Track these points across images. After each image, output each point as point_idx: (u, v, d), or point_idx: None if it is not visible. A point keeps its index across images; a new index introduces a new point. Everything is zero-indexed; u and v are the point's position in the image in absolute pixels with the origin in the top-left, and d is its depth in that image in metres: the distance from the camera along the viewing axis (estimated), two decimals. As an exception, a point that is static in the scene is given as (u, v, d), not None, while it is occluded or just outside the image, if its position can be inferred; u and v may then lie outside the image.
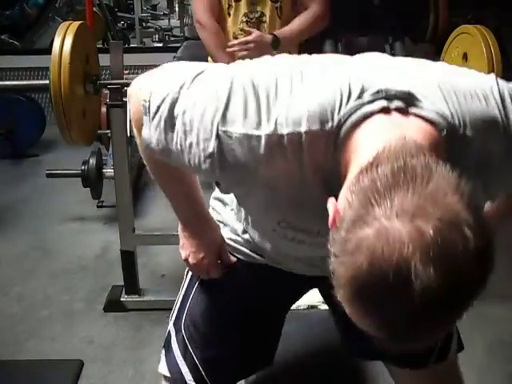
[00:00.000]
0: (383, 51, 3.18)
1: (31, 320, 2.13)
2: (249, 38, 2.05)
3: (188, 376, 1.12)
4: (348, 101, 0.70)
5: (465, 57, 1.82)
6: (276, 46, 2.04)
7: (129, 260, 2.15)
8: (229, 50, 2.08)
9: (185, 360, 1.13)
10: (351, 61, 0.81)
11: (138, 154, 1.02)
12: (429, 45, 3.96)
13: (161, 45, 6.16)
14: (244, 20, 2.08)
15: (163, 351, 1.19)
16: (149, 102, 0.82)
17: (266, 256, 1.06)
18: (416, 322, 0.57)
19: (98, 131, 3.14)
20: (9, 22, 5.12)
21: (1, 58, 4.50)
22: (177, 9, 7.16)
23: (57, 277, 2.43)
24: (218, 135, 0.74)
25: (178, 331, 1.17)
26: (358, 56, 0.83)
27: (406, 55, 3.86)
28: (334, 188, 0.67)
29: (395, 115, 0.69)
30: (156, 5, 8.16)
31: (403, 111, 0.70)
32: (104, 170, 2.87)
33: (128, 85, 0.98)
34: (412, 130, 0.67)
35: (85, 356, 1.92)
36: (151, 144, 0.83)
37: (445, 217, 0.55)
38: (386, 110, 0.69)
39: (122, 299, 2.21)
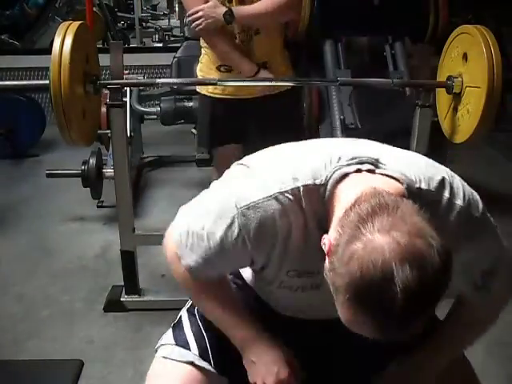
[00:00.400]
0: (383, 51, 3.20)
1: (31, 320, 2.13)
2: (200, 7, 1.99)
3: (193, 345, 1.12)
4: (330, 165, 0.92)
5: (465, 57, 1.82)
6: (230, 21, 1.98)
7: (129, 260, 2.15)
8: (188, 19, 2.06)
9: (193, 334, 1.14)
10: (333, 142, 1.17)
11: (138, 154, 1.03)
12: (429, 45, 3.96)
13: (161, 45, 6.17)
14: None
15: (170, 328, 1.19)
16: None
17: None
18: (401, 311, 0.73)
19: (98, 131, 3.16)
20: (9, 21, 5.12)
21: (1, 58, 4.50)
22: (177, 9, 7.17)
23: (57, 277, 2.43)
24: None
25: (190, 314, 1.18)
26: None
27: (406, 55, 3.87)
28: (325, 230, 0.88)
29: (366, 174, 0.91)
30: (156, 5, 8.17)
31: (372, 171, 0.91)
32: (104, 170, 2.88)
33: (128, 85, 1.01)
34: (380, 183, 0.87)
35: (85, 356, 1.92)
36: (193, 264, 1.01)
37: (413, 230, 0.75)
38: (358, 171, 0.91)
39: (122, 299, 2.21)
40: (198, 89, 2.25)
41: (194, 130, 3.01)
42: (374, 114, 2.71)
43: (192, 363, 1.10)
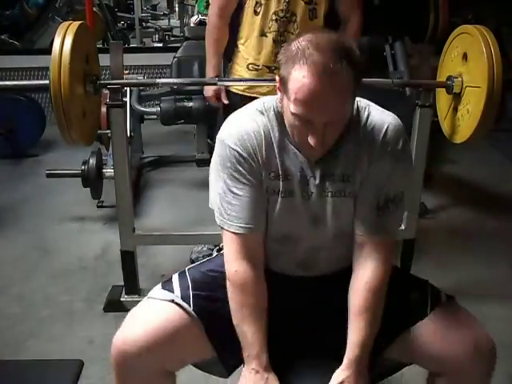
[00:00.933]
0: (383, 51, 3.19)
1: (31, 320, 2.13)
2: None
3: (177, 289, 1.23)
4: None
5: (465, 57, 1.82)
6: None
7: (129, 260, 2.15)
8: None
9: (179, 282, 1.26)
10: None
11: (138, 154, 1.04)
12: (429, 45, 3.96)
13: (161, 45, 6.17)
14: (274, 18, 2.03)
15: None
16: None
17: None
18: (317, 81, 1.02)
19: (98, 131, 3.16)
20: (9, 21, 5.12)
21: (1, 58, 4.50)
22: (177, 9, 7.18)
23: (57, 277, 2.43)
24: None
25: (181, 273, 1.30)
26: None
27: (406, 55, 3.87)
28: None
29: None
30: (156, 5, 8.18)
31: None
32: (104, 170, 2.87)
33: (128, 85, 1.02)
34: None
35: (85, 356, 1.91)
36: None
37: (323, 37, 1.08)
38: None
39: (122, 299, 2.21)
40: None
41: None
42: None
43: (172, 301, 1.21)
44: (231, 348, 1.17)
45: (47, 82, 1.65)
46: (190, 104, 3.12)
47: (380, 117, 1.17)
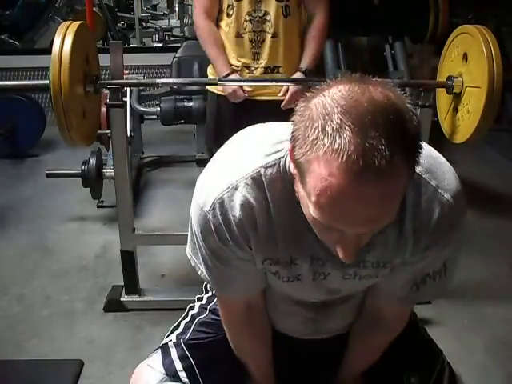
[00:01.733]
0: (383, 51, 3.20)
1: (31, 320, 2.13)
2: (291, 91, 2.10)
3: (179, 367, 1.15)
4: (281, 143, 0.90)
5: (465, 57, 1.82)
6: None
7: (129, 260, 2.15)
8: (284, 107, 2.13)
9: (181, 361, 1.16)
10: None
11: (138, 154, 1.04)
12: (429, 45, 3.96)
13: (161, 45, 6.17)
14: (247, 19, 2.06)
15: (159, 350, 1.21)
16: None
17: None
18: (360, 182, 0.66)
19: (98, 131, 3.16)
20: (9, 22, 5.12)
21: (1, 58, 4.50)
22: (177, 9, 7.17)
23: (57, 277, 2.43)
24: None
25: (177, 346, 1.19)
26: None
27: (406, 55, 3.87)
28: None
29: None
30: (156, 5, 8.18)
31: None
32: (104, 170, 2.87)
33: (128, 85, 1.01)
34: None
35: (85, 356, 1.92)
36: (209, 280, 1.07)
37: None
38: None
39: (122, 299, 2.21)
40: (208, 86, 2.28)
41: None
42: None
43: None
44: None
45: (47, 82, 1.65)
46: (190, 104, 3.13)
47: (434, 194, 0.89)
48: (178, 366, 1.15)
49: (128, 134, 2.28)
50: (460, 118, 1.88)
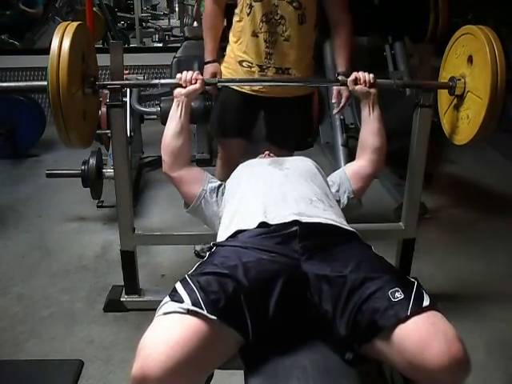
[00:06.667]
0: (383, 51, 3.20)
1: (31, 320, 2.13)
2: (346, 95, 2.21)
3: (186, 299, 1.14)
4: None
5: (470, 60, 1.79)
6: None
7: (129, 260, 2.15)
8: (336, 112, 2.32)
9: (186, 291, 1.16)
10: None
11: (138, 154, 1.03)
12: (429, 45, 3.96)
13: (161, 45, 6.18)
14: (264, 20, 2.08)
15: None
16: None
17: None
18: None
19: (98, 131, 3.16)
20: (9, 22, 5.12)
21: (1, 58, 4.51)
22: (177, 9, 7.17)
23: (57, 277, 2.43)
24: None
25: (184, 282, 1.20)
26: None
27: (406, 55, 3.87)
28: None
29: None
30: (156, 5, 8.18)
31: None
32: (104, 170, 2.87)
33: (127, 86, 1.00)
34: None
35: (85, 356, 1.92)
36: None
37: None
38: None
39: (122, 299, 2.21)
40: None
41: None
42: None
43: (188, 311, 1.11)
44: (254, 327, 1.14)
45: (45, 83, 1.63)
46: (190, 104, 3.12)
47: None
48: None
49: (128, 134, 2.28)
50: (460, 119, 1.87)
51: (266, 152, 1.97)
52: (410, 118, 2.01)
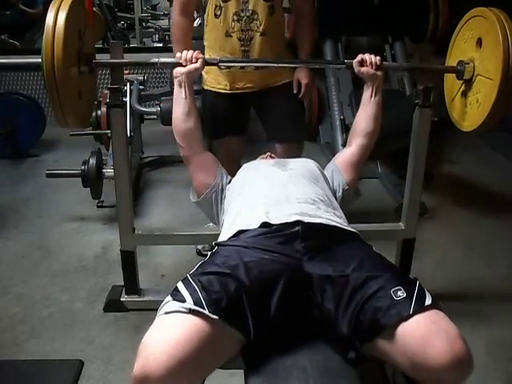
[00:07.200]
0: (383, 51, 3.22)
1: (31, 320, 2.13)
2: (304, 83, 2.24)
3: (188, 298, 1.14)
4: None
5: (479, 42, 1.73)
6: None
7: (129, 260, 2.15)
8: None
9: (188, 291, 1.16)
10: None
11: (138, 154, 1.03)
12: (429, 45, 3.96)
13: (161, 45, 6.17)
14: (235, 19, 2.10)
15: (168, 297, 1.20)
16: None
17: None
18: None
19: (98, 131, 3.16)
20: (9, 22, 5.12)
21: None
22: (177, 9, 7.15)
23: (57, 277, 2.43)
24: None
25: (185, 282, 1.21)
26: None
27: (406, 55, 3.87)
28: None
29: None
30: (156, 5, 8.17)
31: None
32: (104, 170, 2.87)
33: (126, 64, 0.98)
34: None
35: (85, 356, 1.92)
36: None
37: None
38: None
39: (122, 299, 2.21)
40: (203, 84, 2.34)
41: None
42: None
43: (190, 311, 1.12)
44: (255, 325, 1.15)
45: (39, 60, 1.55)
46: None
47: None
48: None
49: (128, 134, 2.28)
50: (468, 105, 1.81)
51: (268, 153, 1.97)
52: (410, 118, 2.01)
